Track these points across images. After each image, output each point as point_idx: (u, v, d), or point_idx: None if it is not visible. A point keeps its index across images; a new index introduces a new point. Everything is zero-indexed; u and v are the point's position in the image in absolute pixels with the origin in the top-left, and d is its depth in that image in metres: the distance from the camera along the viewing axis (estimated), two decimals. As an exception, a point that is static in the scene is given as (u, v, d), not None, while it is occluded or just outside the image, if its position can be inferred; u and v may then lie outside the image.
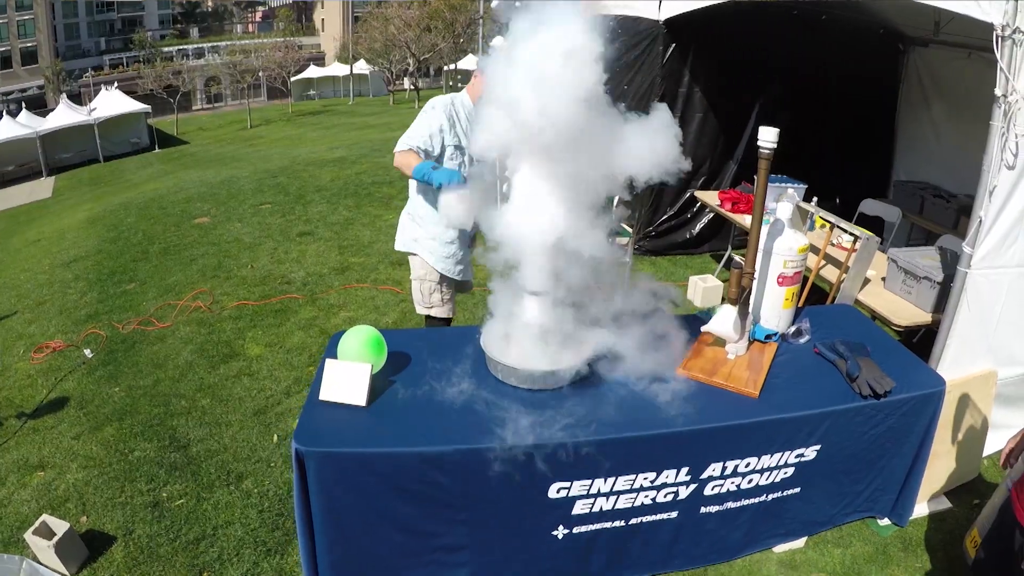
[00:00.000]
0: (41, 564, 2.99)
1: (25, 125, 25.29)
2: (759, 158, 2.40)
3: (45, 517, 3.12)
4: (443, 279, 3.62)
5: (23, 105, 29.37)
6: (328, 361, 2.54)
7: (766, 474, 2.56)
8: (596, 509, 2.45)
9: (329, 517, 2.36)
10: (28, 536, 3.03)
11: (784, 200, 2.89)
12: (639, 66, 5.78)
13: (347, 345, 2.62)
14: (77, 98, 34.63)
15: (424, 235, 3.55)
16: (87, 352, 5.19)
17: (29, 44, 46.92)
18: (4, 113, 26.09)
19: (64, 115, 26.21)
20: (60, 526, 3.05)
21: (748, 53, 5.67)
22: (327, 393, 2.50)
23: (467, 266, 3.71)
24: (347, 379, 2.49)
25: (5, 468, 3.84)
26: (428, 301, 3.68)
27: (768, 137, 2.35)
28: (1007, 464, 2.33)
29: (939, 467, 3.08)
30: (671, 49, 5.68)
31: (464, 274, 3.70)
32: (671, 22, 5.43)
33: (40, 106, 35.31)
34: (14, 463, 3.87)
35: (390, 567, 2.48)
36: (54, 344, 5.43)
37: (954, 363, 3.07)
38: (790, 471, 2.59)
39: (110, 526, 3.31)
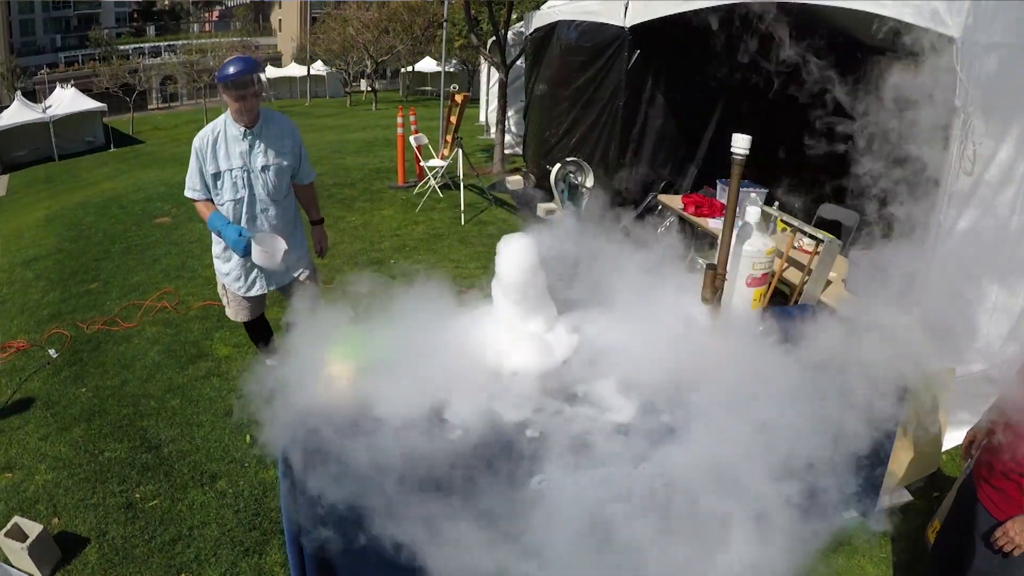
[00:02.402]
0: (13, 567, 2.95)
1: (-23, 123, 24.57)
2: (732, 163, 2.49)
3: (17, 519, 3.08)
4: (226, 287, 4.00)
5: (-26, 102, 28.48)
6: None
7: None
8: (576, 499, 2.50)
9: (314, 516, 2.38)
10: (0, 538, 2.99)
11: (750, 204, 2.99)
12: (606, 72, 5.88)
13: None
14: (32, 95, 33.60)
15: (214, 253, 3.95)
16: (52, 352, 5.11)
17: (-17, 40, 45.48)
18: (-43, 110, 25.33)
19: (18, 113, 25.52)
20: (33, 528, 3.02)
21: (709, 59, 5.81)
22: (311, 392, 2.51)
23: (251, 285, 3.93)
24: (330, 379, 2.52)
25: (-30, 470, 3.77)
26: (223, 299, 4.11)
27: (741, 144, 2.45)
28: (968, 455, 2.46)
29: (900, 462, 3.21)
30: (636, 55, 5.79)
31: (246, 290, 3.94)
32: (636, 29, 5.54)
33: (-6, 103, 34.24)
34: (-20, 465, 3.81)
35: (374, 560, 2.51)
36: (17, 344, 5.33)
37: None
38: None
39: (83, 528, 3.29)
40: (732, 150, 2.46)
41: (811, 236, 3.96)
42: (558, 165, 6.87)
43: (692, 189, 6.46)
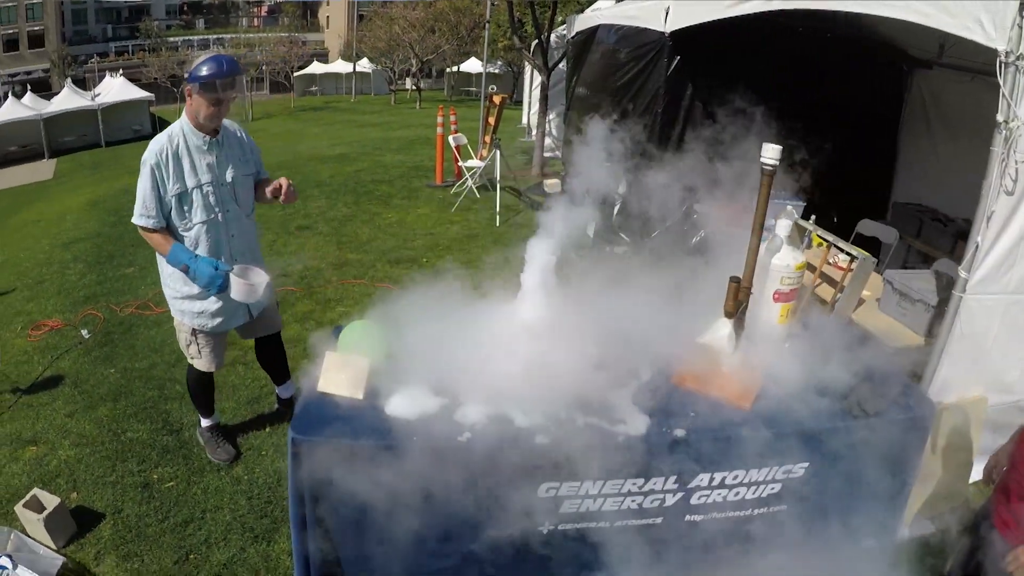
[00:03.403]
0: (29, 537, 3.01)
1: (29, 107, 25.34)
2: (761, 174, 2.44)
3: (36, 491, 3.15)
4: (197, 331, 3.38)
5: (28, 87, 29.31)
6: (328, 353, 2.57)
7: (753, 488, 2.58)
8: (583, 509, 2.47)
9: (320, 505, 2.39)
10: (18, 509, 3.06)
11: (783, 217, 2.93)
12: (644, 78, 5.82)
13: (347, 338, 2.66)
14: (82, 83, 34.57)
15: (170, 293, 3.32)
16: (84, 332, 5.21)
17: (36, 28, 46.89)
18: (9, 94, 26.07)
19: (68, 99, 26.25)
20: (51, 500, 3.08)
21: (752, 68, 5.72)
22: (325, 385, 2.52)
23: (232, 315, 3.41)
24: (345, 372, 2.52)
25: (-2, 442, 3.86)
26: (187, 351, 3.47)
27: (771, 154, 2.39)
28: (988, 480, 2.37)
29: (925, 491, 3.10)
30: (676, 61, 5.72)
31: (227, 324, 3.41)
32: (677, 35, 5.47)
33: (45, 89, 35.24)
34: (7, 437, 3.90)
35: (378, 554, 2.51)
36: (52, 323, 5.45)
37: (945, 387, 3.10)
38: (777, 487, 2.60)
39: (99, 503, 3.34)
40: (762, 160, 2.40)
41: (845, 252, 3.86)
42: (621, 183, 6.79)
43: (733, 199, 6.34)
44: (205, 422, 3.71)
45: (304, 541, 2.44)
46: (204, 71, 2.96)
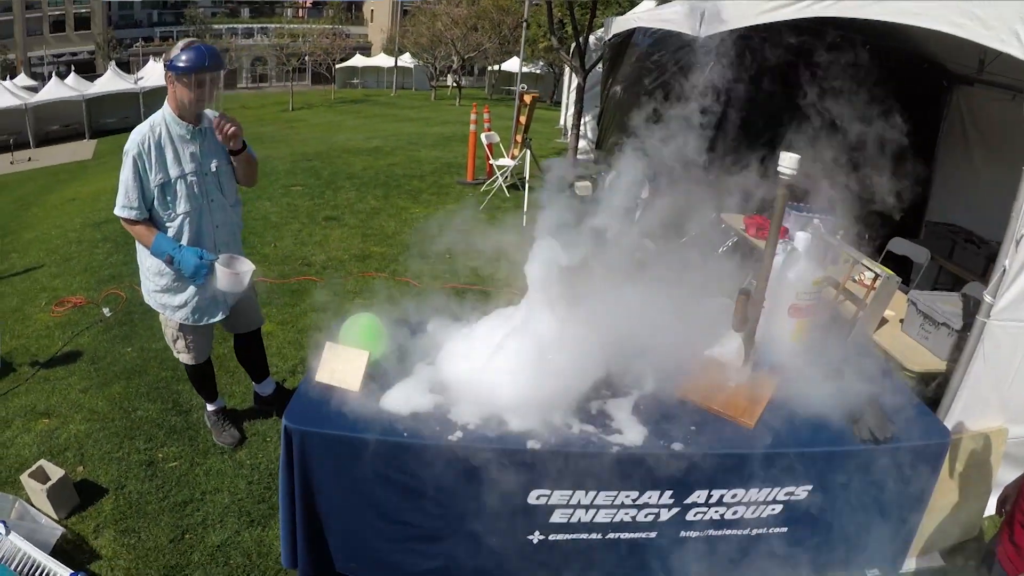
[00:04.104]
0: (33, 506, 3.05)
1: (72, 88, 25.88)
2: (778, 184, 2.37)
3: (43, 462, 3.20)
4: (183, 326, 3.34)
5: (72, 68, 29.98)
6: (328, 344, 2.56)
7: (752, 508, 2.51)
8: (574, 520, 2.43)
9: (310, 494, 2.39)
10: (23, 478, 3.12)
11: (805, 230, 2.85)
12: (677, 83, 5.73)
13: (348, 330, 2.65)
14: (126, 66, 35.23)
15: (153, 287, 3.26)
16: (106, 311, 5.28)
17: (83, 10, 47.97)
18: (54, 74, 26.66)
19: (111, 81, 26.77)
20: (55, 472, 3.13)
21: (787, 76, 5.60)
22: (323, 375, 2.52)
23: (214, 306, 3.34)
24: (344, 363, 2.51)
25: (12, 412, 3.93)
26: (174, 347, 3.46)
27: (788, 163, 2.32)
28: (1000, 512, 2.29)
29: (936, 523, 2.99)
30: (709, 67, 5.63)
31: (210, 316, 3.34)
32: (711, 40, 5.38)
33: (89, 71, 36.11)
34: (21, 408, 3.96)
35: (364, 548, 2.51)
36: (75, 299, 5.54)
37: (964, 416, 2.98)
38: (778, 508, 2.53)
39: (104, 478, 3.38)
40: (779, 169, 2.33)
41: (870, 269, 3.76)
42: (612, 172, 6.71)
43: (759, 211, 6.24)
44: (210, 406, 3.73)
45: (292, 529, 2.44)
46: (184, 60, 2.89)
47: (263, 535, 3.03)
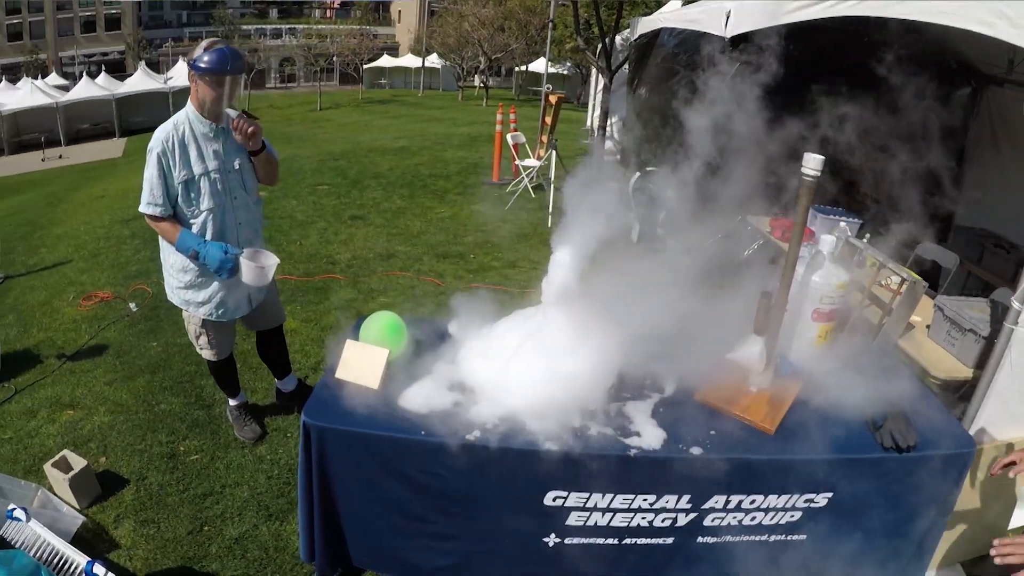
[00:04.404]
0: (55, 495, 3.10)
1: (103, 87, 26.43)
2: (801, 185, 2.33)
3: (66, 452, 3.26)
4: (206, 322, 3.39)
5: (103, 68, 30.49)
6: (348, 341, 2.57)
7: (771, 514, 2.48)
8: (591, 523, 2.41)
9: (328, 490, 2.40)
10: (47, 467, 3.18)
11: (831, 233, 2.81)
12: (703, 82, 5.69)
13: (369, 328, 2.66)
14: (155, 66, 35.83)
15: (176, 284, 3.30)
16: (132, 306, 5.36)
17: (114, 11, 48.92)
18: (84, 74, 27.14)
19: (141, 81, 27.33)
20: (78, 462, 3.19)
21: (814, 77, 5.53)
22: (343, 372, 2.53)
23: (237, 304, 3.39)
24: (364, 361, 2.52)
25: (38, 403, 4.01)
26: (196, 343, 3.51)
27: (812, 164, 2.28)
28: None
29: (958, 534, 2.93)
30: (735, 68, 5.58)
31: (233, 312, 3.39)
32: (737, 40, 5.34)
33: (120, 70, 36.71)
34: (47, 399, 4.04)
35: (380, 543, 2.51)
36: (102, 294, 5.64)
37: (989, 424, 2.91)
38: (797, 515, 2.50)
39: (126, 470, 3.43)
40: (802, 170, 2.30)
41: (896, 274, 3.70)
42: (637, 174, 6.68)
43: (785, 212, 6.17)
44: (232, 401, 3.77)
45: (310, 523, 2.45)
46: (206, 61, 2.93)
47: (281, 529, 3.06)
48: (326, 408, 2.39)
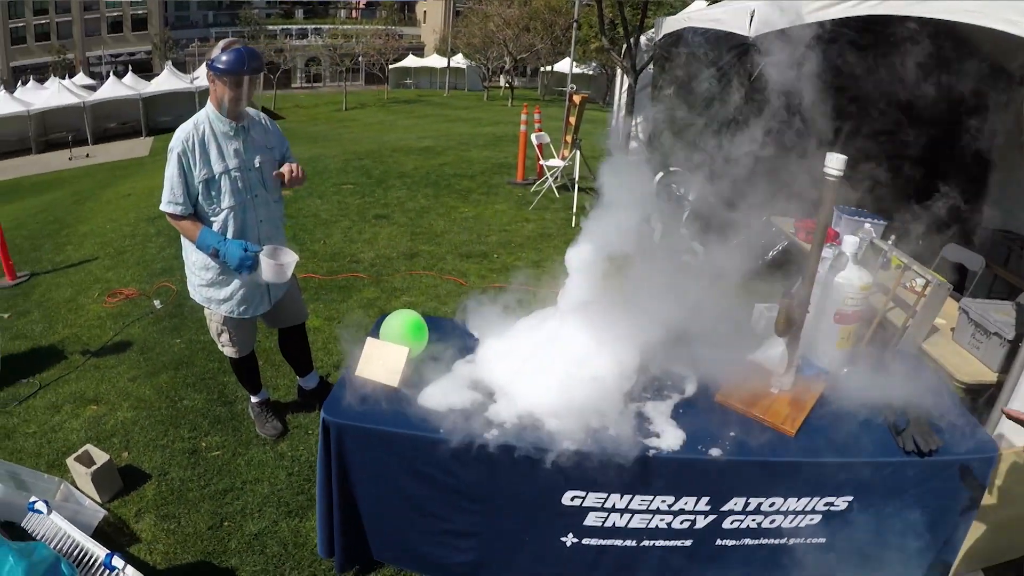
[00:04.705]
0: (77, 489, 3.15)
1: (130, 87, 26.84)
2: (823, 185, 2.31)
3: (88, 447, 3.30)
4: (227, 319, 3.41)
5: (130, 68, 30.93)
6: (369, 339, 2.59)
7: (790, 517, 2.46)
8: (608, 524, 2.41)
9: (347, 486, 2.42)
10: (69, 461, 3.23)
11: (856, 235, 2.77)
12: (727, 82, 5.66)
13: (389, 326, 2.68)
14: (182, 66, 36.31)
15: (198, 281, 3.33)
16: (156, 303, 5.43)
17: (140, 11, 49.65)
18: (111, 74, 27.53)
19: (167, 81, 27.66)
20: (100, 456, 3.22)
21: (840, 76, 5.46)
22: (363, 370, 2.54)
23: (258, 300, 3.42)
24: (384, 359, 2.54)
25: (62, 397, 4.07)
26: (218, 340, 3.53)
27: (834, 164, 2.26)
28: None
29: (981, 539, 2.87)
30: (759, 68, 5.53)
31: (254, 310, 3.42)
32: (761, 39, 5.29)
33: (146, 70, 37.20)
34: (71, 394, 4.10)
35: (400, 539, 2.53)
36: (127, 291, 5.71)
37: (1015, 429, 2.87)
38: (817, 518, 2.47)
39: (147, 465, 3.47)
40: (825, 170, 2.27)
41: (921, 275, 3.65)
42: (660, 174, 6.62)
43: (810, 214, 6.10)
44: (254, 398, 3.80)
45: (329, 519, 2.47)
46: (224, 61, 2.95)
47: (300, 526, 3.08)
48: (345, 406, 2.40)
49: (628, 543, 2.46)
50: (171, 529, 3.06)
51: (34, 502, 2.65)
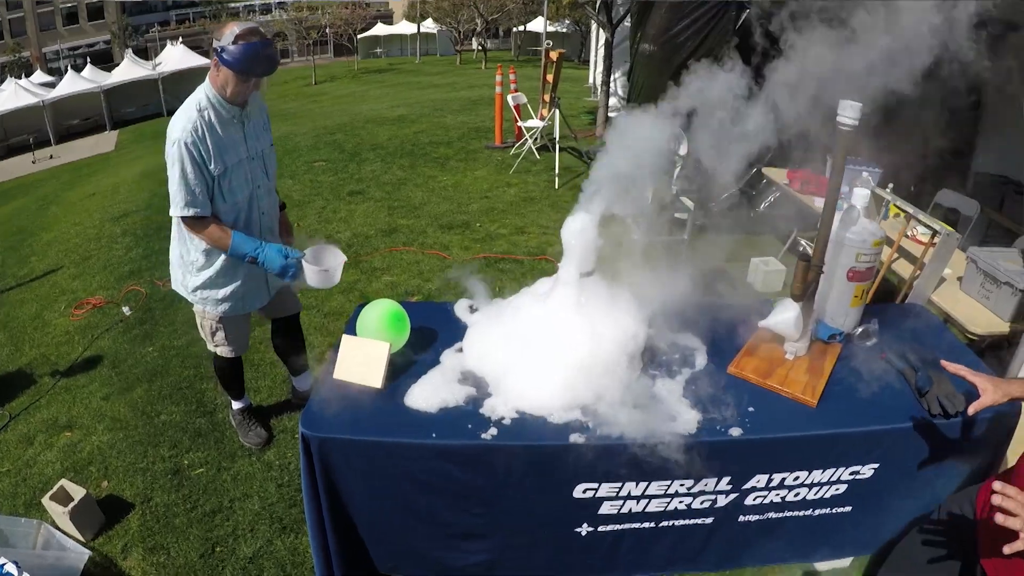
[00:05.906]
0: (59, 530, 2.93)
1: (89, 80, 25.87)
2: (837, 135, 2.10)
3: (63, 482, 3.07)
4: (224, 318, 3.12)
5: (89, 60, 29.93)
6: (345, 337, 2.38)
7: (815, 489, 2.31)
8: (625, 511, 2.25)
9: (338, 501, 2.24)
10: (45, 501, 2.99)
11: (860, 185, 2.58)
12: (707, 33, 5.43)
13: (366, 319, 2.45)
14: (143, 53, 35.25)
15: (195, 282, 2.97)
16: (125, 309, 5.18)
17: (95, 0, 47.81)
18: (69, 68, 26.67)
19: (129, 70, 26.77)
20: (77, 492, 2.99)
21: (826, 23, 5.24)
22: (342, 372, 2.34)
23: (259, 293, 3.14)
24: (364, 358, 2.33)
25: (35, 427, 3.83)
26: (212, 340, 3.23)
27: (849, 112, 2.05)
28: None
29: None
30: (745, 14, 5.31)
31: (253, 303, 3.14)
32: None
33: (107, 61, 36.07)
34: (43, 422, 3.86)
35: (407, 547, 2.36)
36: (94, 300, 5.45)
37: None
38: (842, 488, 2.32)
39: (129, 492, 3.25)
40: (838, 119, 2.07)
41: (927, 226, 3.47)
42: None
43: (800, 164, 5.92)
44: (236, 404, 3.59)
45: (323, 539, 2.28)
46: (235, 56, 2.55)
47: (296, 543, 2.89)
48: (325, 415, 2.18)
49: (646, 525, 2.32)
50: (161, 563, 2.84)
51: (2, 565, 2.41)
